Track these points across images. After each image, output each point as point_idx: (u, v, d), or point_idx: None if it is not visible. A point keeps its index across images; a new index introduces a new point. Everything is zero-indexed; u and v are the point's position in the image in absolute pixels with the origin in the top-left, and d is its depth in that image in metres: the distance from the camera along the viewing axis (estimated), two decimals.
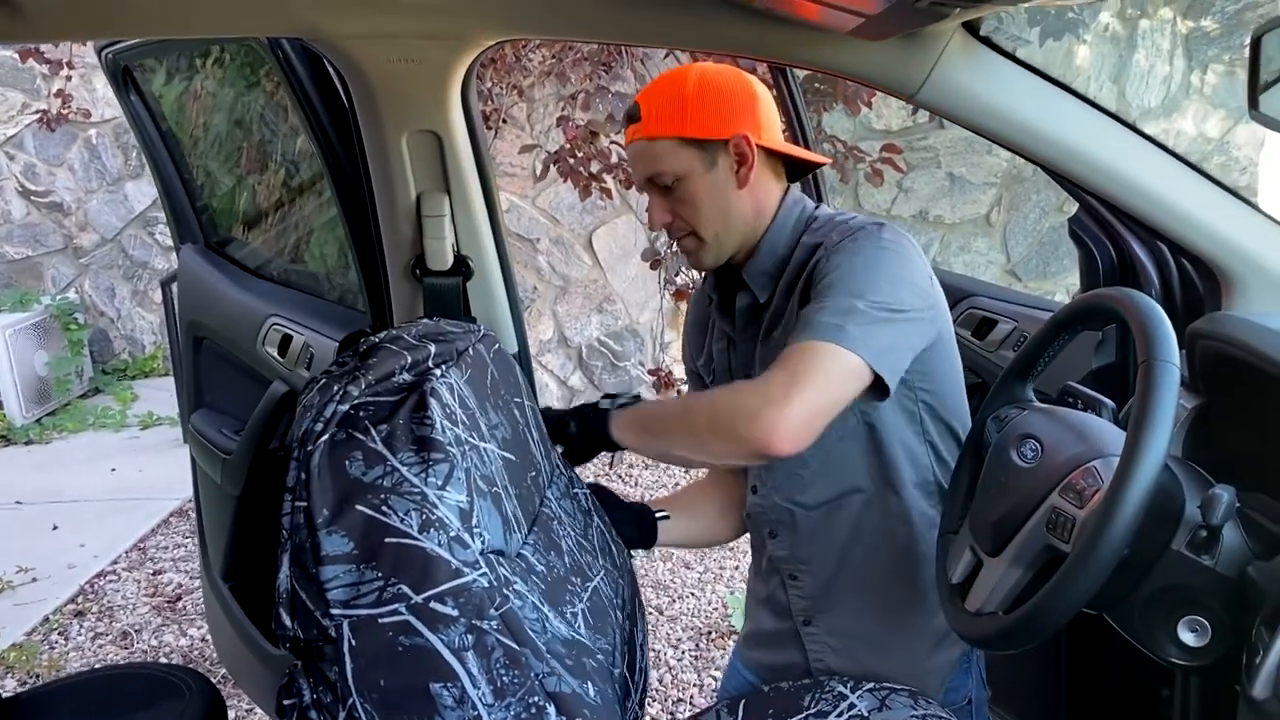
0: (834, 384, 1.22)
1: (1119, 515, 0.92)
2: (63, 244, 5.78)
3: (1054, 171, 1.40)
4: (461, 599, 0.99)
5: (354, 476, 1.00)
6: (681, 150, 1.35)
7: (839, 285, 1.26)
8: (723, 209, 1.39)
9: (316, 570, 0.98)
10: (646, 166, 1.38)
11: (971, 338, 1.75)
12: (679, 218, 1.40)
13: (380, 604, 0.97)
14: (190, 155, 2.39)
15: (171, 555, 3.77)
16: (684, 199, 1.38)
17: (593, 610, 1.22)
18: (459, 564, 0.99)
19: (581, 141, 3.72)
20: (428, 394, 1.08)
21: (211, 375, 2.21)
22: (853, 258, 1.29)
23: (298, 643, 1.01)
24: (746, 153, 1.36)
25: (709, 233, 1.40)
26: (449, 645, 0.97)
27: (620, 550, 1.45)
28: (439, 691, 0.97)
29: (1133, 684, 1.51)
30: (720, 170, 1.37)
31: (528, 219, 4.68)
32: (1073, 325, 1.21)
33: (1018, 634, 1.03)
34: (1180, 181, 1.36)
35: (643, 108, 1.38)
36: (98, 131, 5.61)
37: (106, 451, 4.85)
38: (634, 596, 1.45)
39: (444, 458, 1.03)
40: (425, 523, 0.99)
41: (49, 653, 3.14)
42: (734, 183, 1.38)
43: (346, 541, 0.98)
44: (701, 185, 1.37)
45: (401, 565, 0.98)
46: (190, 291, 2.24)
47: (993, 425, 1.24)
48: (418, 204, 1.60)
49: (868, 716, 1.36)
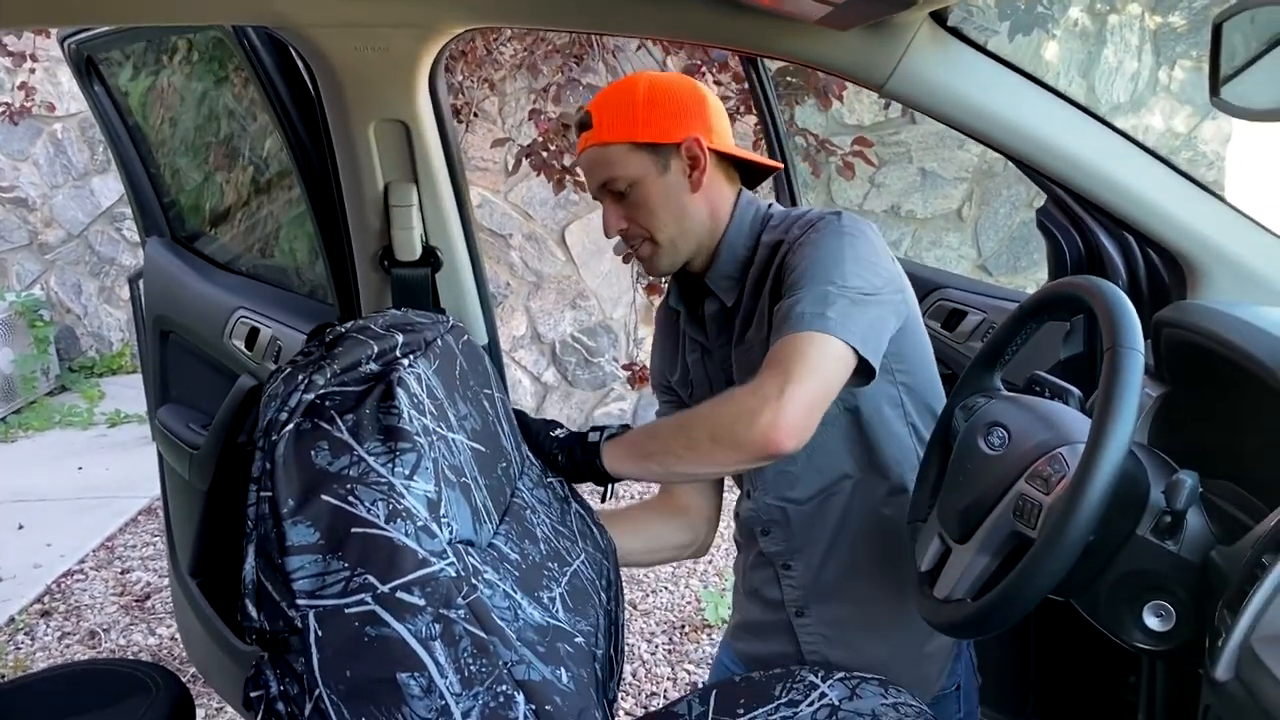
0: (825, 371, 1.23)
1: (1084, 501, 0.92)
2: (28, 240, 5.71)
3: (1022, 163, 1.41)
4: (428, 588, 0.98)
5: (320, 466, 0.99)
6: (634, 155, 1.36)
7: (810, 275, 1.27)
8: (677, 213, 1.39)
9: (282, 560, 0.97)
10: (600, 173, 1.39)
11: (941, 329, 1.76)
12: (634, 223, 1.40)
13: (346, 594, 0.97)
14: (157, 149, 2.36)
15: (140, 554, 3.73)
16: (638, 204, 1.38)
17: (572, 593, 1.22)
18: (426, 554, 0.99)
19: (554, 135, 3.70)
20: (395, 384, 1.07)
21: (178, 370, 2.18)
22: (817, 248, 1.30)
23: (264, 634, 1.00)
24: (699, 155, 1.37)
25: (664, 237, 1.40)
26: (416, 635, 0.97)
27: (602, 533, 1.44)
28: (406, 681, 0.96)
29: (1100, 670, 1.53)
30: (673, 174, 1.38)
31: (500, 214, 4.66)
32: (1039, 314, 1.22)
33: (985, 620, 1.03)
34: (1148, 173, 1.37)
35: (594, 115, 1.38)
36: (63, 126, 5.54)
37: (73, 450, 4.80)
38: (617, 579, 1.44)
39: (411, 447, 1.02)
40: (392, 512, 0.98)
41: (15, 653, 3.10)
42: (687, 186, 1.39)
43: (312, 531, 0.97)
44: (655, 189, 1.38)
45: (368, 555, 0.97)
46: (156, 285, 2.21)
47: (960, 414, 1.24)
48: (385, 194, 1.59)
49: (839, 705, 1.36)
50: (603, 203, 1.41)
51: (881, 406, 1.40)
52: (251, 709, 1.03)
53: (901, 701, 1.37)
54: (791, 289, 1.28)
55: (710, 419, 1.29)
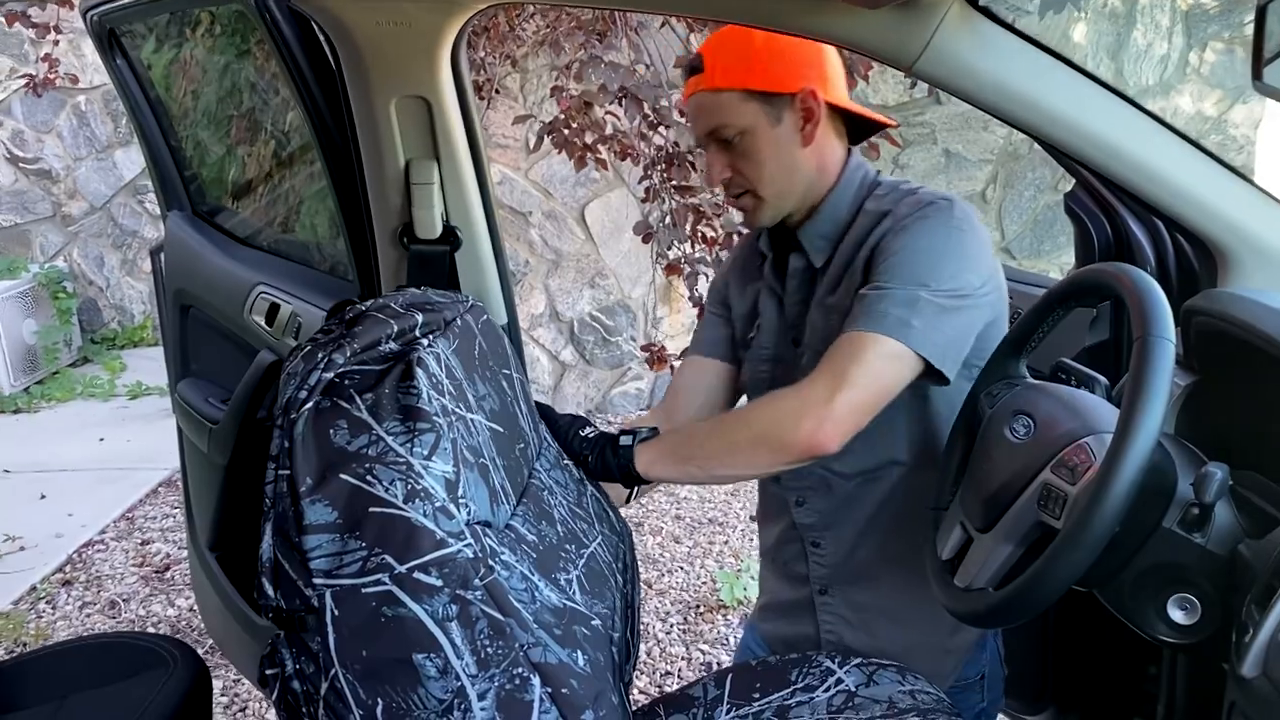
0: (885, 379, 1.23)
1: (1111, 492, 0.91)
2: (51, 211, 5.73)
3: (1052, 146, 1.38)
4: (446, 569, 0.98)
5: (338, 445, 0.99)
6: (746, 103, 1.31)
7: (905, 269, 1.25)
8: (787, 166, 1.35)
9: (299, 539, 0.97)
10: (708, 119, 1.34)
11: None
12: (739, 174, 1.36)
13: (363, 574, 0.96)
14: (178, 122, 2.35)
15: (160, 525, 3.76)
16: (746, 154, 1.34)
17: (589, 575, 1.22)
18: (444, 534, 0.98)
19: (575, 112, 3.68)
20: (414, 363, 1.07)
21: (198, 344, 2.19)
22: (920, 239, 1.27)
23: (280, 613, 1.00)
24: (813, 108, 1.33)
25: (770, 191, 1.36)
26: (432, 615, 0.96)
27: (617, 515, 1.44)
28: (422, 662, 0.96)
29: (1120, 661, 1.51)
30: (786, 126, 1.33)
31: (520, 191, 4.64)
32: (1067, 301, 1.20)
33: (1007, 610, 1.02)
34: (1178, 157, 1.34)
35: (706, 59, 1.33)
36: (86, 98, 5.55)
37: (95, 421, 4.83)
38: (633, 562, 1.44)
39: (430, 428, 1.02)
40: (410, 493, 0.98)
41: (36, 621, 3.13)
42: (799, 140, 1.34)
43: (330, 511, 0.97)
44: (765, 141, 1.33)
45: (386, 535, 0.97)
46: (177, 259, 2.21)
47: (985, 401, 1.23)
48: (406, 171, 1.58)
49: (855, 691, 1.36)
50: (706, 150, 1.37)
51: (954, 400, 1.36)
52: (267, 686, 1.03)
53: (919, 689, 1.37)
54: (884, 276, 1.26)
55: (753, 421, 1.28)
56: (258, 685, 2.27)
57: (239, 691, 2.74)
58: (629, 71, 3.45)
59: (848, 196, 1.38)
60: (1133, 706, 1.51)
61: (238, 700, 2.72)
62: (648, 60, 3.79)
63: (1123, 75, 4.74)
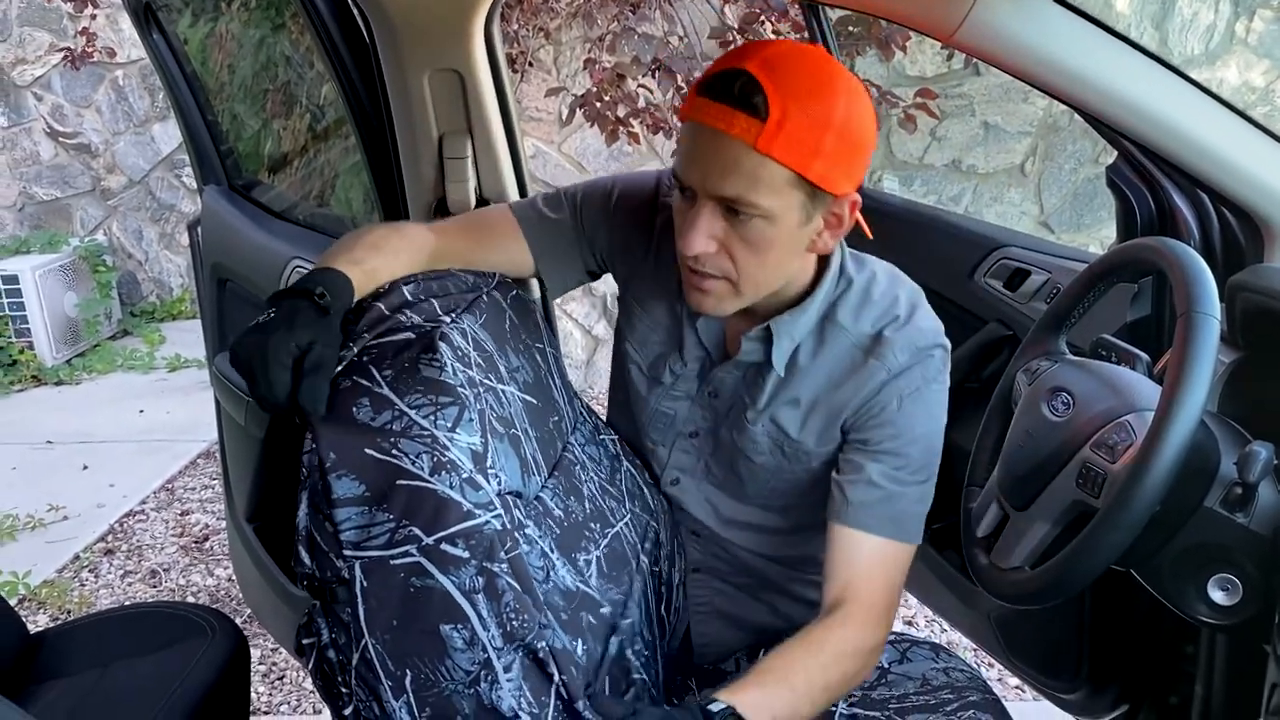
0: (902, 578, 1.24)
1: (1152, 471, 0.90)
2: (91, 186, 5.79)
3: (1093, 117, 1.35)
4: (472, 541, 0.98)
5: (362, 422, 1.00)
6: (792, 190, 1.06)
7: (916, 457, 1.22)
8: (782, 267, 1.16)
9: (330, 511, 0.98)
10: (735, 184, 1.05)
11: (1003, 289, 1.72)
12: (729, 257, 1.12)
13: (391, 545, 0.97)
14: (214, 96, 2.37)
15: (199, 496, 3.81)
16: (753, 242, 1.10)
17: (609, 557, 1.22)
18: (470, 505, 0.99)
19: (608, 85, 3.66)
20: (438, 337, 1.06)
21: (235, 317, 2.21)
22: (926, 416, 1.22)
23: (314, 581, 1.01)
24: (844, 219, 1.13)
25: (750, 287, 1.15)
26: (460, 587, 0.97)
27: (653, 492, 1.42)
28: (449, 633, 0.97)
29: (1157, 640, 1.50)
30: (809, 229, 1.12)
31: (554, 165, 4.63)
32: (1109, 276, 1.18)
33: (1044, 590, 1.02)
34: (1224, 128, 1.31)
35: (772, 104, 1.02)
36: (124, 73, 5.59)
37: (135, 393, 4.90)
38: (673, 537, 1.43)
39: (453, 400, 1.02)
40: (436, 465, 0.98)
41: (80, 589, 3.19)
42: (810, 243, 1.14)
43: (357, 484, 0.98)
44: (784, 236, 1.10)
45: (413, 507, 0.97)
46: (213, 233, 2.23)
47: (1023, 378, 1.21)
48: (440, 145, 1.58)
49: (887, 668, 1.36)
50: (696, 205, 1.09)
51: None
52: (304, 655, 1.04)
53: (953, 666, 1.36)
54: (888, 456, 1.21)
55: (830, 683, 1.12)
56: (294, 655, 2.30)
57: (276, 660, 2.78)
58: (662, 43, 3.43)
59: (820, 301, 1.22)
60: (1169, 686, 1.50)
61: (275, 669, 2.76)
62: (681, 32, 3.75)
63: (1167, 45, 4.64)
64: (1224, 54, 4.74)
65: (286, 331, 1.00)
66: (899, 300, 1.23)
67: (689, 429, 1.37)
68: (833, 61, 1.09)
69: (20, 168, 5.75)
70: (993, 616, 1.79)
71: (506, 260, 1.34)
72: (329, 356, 1.02)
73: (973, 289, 1.77)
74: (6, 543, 3.44)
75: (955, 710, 1.25)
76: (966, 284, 1.78)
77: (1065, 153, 4.78)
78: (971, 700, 1.28)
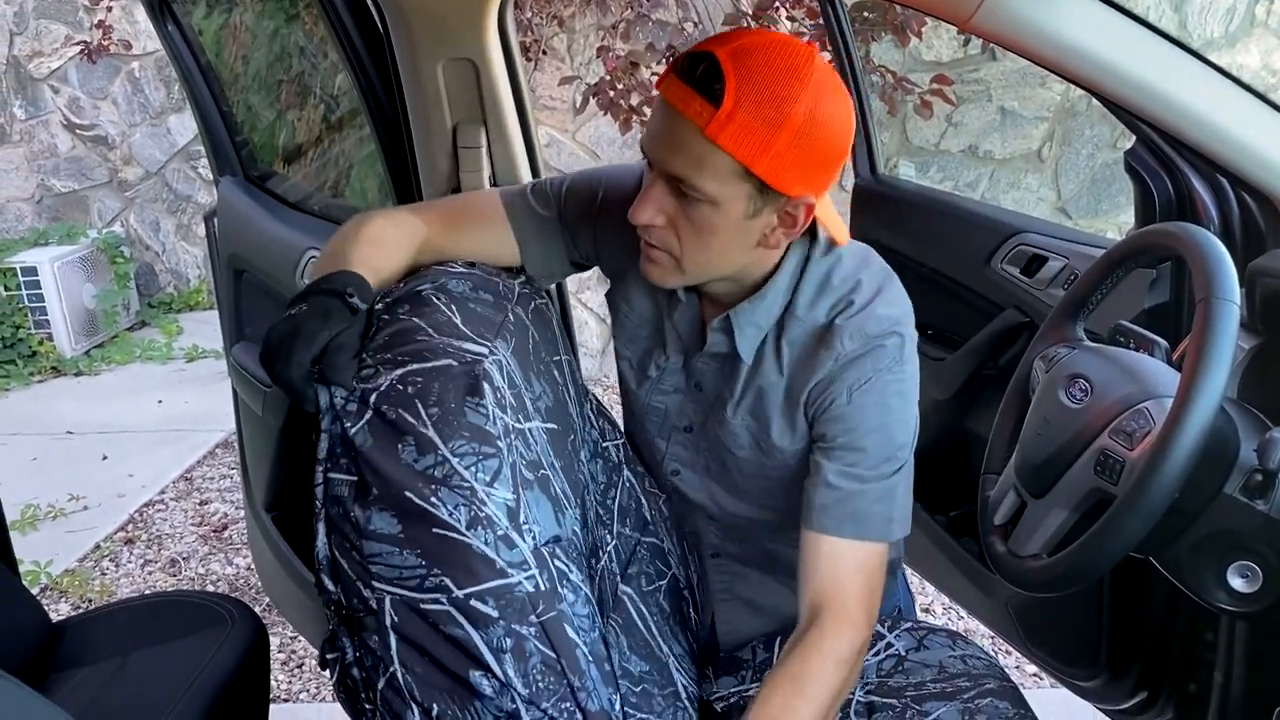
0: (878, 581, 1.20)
1: (1171, 458, 0.89)
2: (108, 177, 5.82)
3: (1112, 102, 1.34)
4: (503, 601, 0.97)
5: (405, 463, 0.98)
6: (739, 181, 1.07)
7: (872, 450, 1.17)
8: (727, 255, 1.15)
9: (360, 543, 0.97)
10: (682, 164, 1.07)
11: (1020, 275, 1.71)
12: (673, 232, 1.13)
13: (422, 590, 0.96)
14: (229, 88, 2.37)
15: (217, 486, 3.84)
16: (696, 223, 1.11)
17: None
18: (504, 564, 0.97)
19: (622, 73, 3.65)
20: (481, 378, 1.03)
21: (252, 308, 2.21)
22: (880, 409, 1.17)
23: (340, 607, 1.01)
24: (797, 220, 1.13)
25: (693, 266, 1.16)
26: (488, 644, 0.96)
27: (652, 502, 1.41)
28: (479, 680, 0.96)
29: (1175, 627, 1.49)
30: (758, 221, 1.12)
31: (568, 154, 4.63)
32: (1127, 262, 1.17)
33: (1062, 577, 1.01)
34: (1245, 112, 1.29)
35: (728, 94, 1.02)
36: (140, 64, 5.61)
37: (153, 383, 4.93)
38: (679, 541, 1.44)
39: (494, 452, 1.00)
40: (474, 519, 0.97)
41: (100, 579, 3.22)
42: (757, 238, 1.14)
43: (395, 522, 0.97)
44: (727, 224, 1.11)
45: (446, 558, 0.96)
46: (230, 224, 2.24)
47: (1040, 365, 1.21)
48: (454, 135, 1.58)
49: (904, 655, 1.36)
50: (651, 175, 1.12)
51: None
52: (327, 669, 1.05)
53: (969, 653, 1.36)
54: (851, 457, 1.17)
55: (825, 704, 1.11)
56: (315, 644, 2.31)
57: (295, 648, 2.80)
58: (677, 29, 3.42)
59: (782, 290, 1.21)
60: (1188, 673, 1.49)
61: (295, 656, 2.78)
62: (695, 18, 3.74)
63: (1186, 28, 4.60)
64: (1244, 37, 4.69)
65: (321, 321, 1.02)
66: (860, 285, 1.20)
67: (682, 423, 1.36)
68: (813, 62, 1.06)
69: (38, 160, 5.79)
70: (1010, 604, 1.79)
71: (493, 249, 1.32)
72: (353, 336, 1.04)
73: (989, 275, 1.76)
74: (28, 532, 3.47)
75: (973, 698, 1.25)
76: (983, 270, 1.77)
77: (1083, 138, 4.75)
78: (989, 688, 1.28)
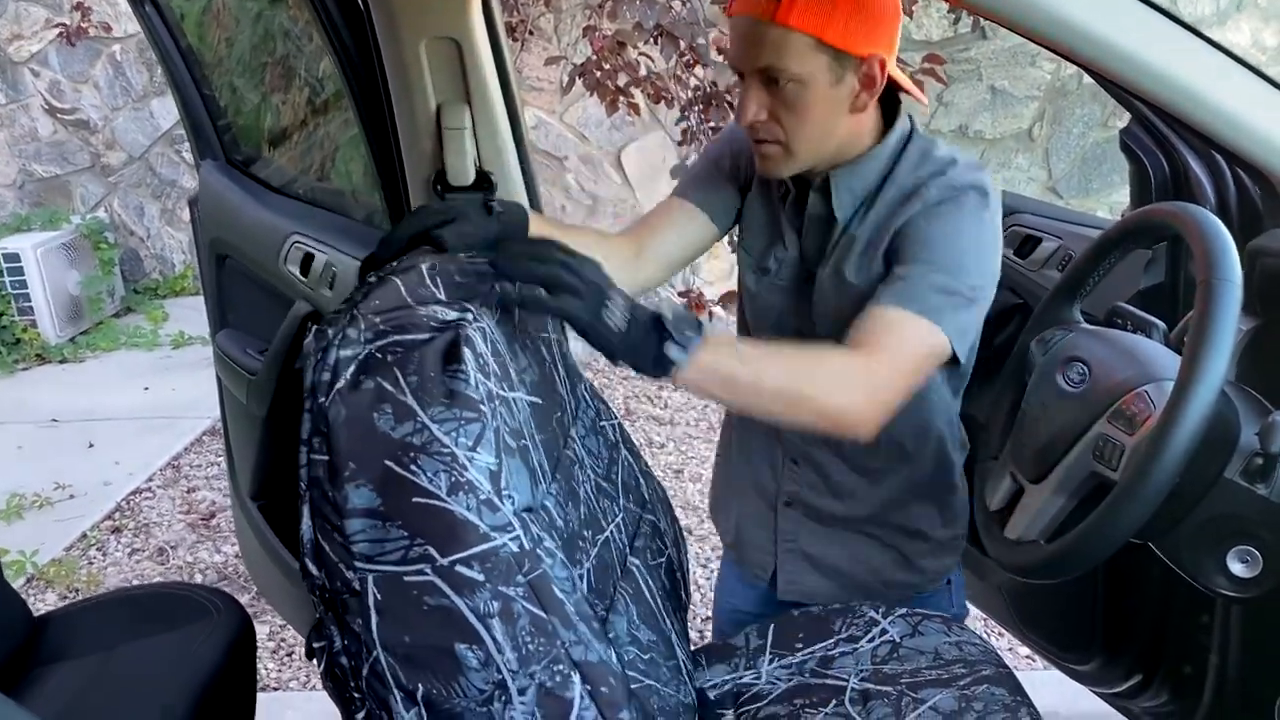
0: (925, 370, 1.20)
1: (1172, 443, 0.88)
2: (90, 162, 5.75)
3: (1105, 78, 1.32)
4: (488, 564, 0.95)
5: (383, 431, 0.95)
6: (815, 53, 1.19)
7: (939, 257, 1.21)
8: (828, 128, 1.26)
9: (341, 522, 0.95)
10: (765, 55, 1.20)
11: (1014, 256, 1.69)
12: (776, 121, 1.25)
13: (405, 563, 0.94)
14: (211, 70, 2.33)
15: (205, 473, 3.81)
16: (792, 105, 1.23)
17: (597, 569, 1.18)
18: (487, 528, 0.95)
19: (609, 53, 3.61)
20: (461, 342, 1.01)
21: (235, 294, 2.19)
22: (950, 229, 1.22)
23: (324, 591, 0.99)
24: (876, 79, 1.23)
25: (802, 148, 1.27)
26: (474, 610, 0.94)
27: (649, 481, 1.40)
28: (464, 653, 0.95)
29: (1170, 610, 1.48)
30: (843, 88, 1.23)
31: (555, 135, 4.59)
32: (1125, 243, 1.16)
33: (1060, 563, 1.00)
34: (1242, 88, 1.27)
35: None
36: (121, 47, 5.54)
37: (139, 370, 4.89)
38: (673, 524, 1.43)
39: (475, 417, 0.97)
40: (454, 485, 0.95)
41: (88, 568, 3.19)
42: (849, 105, 1.25)
43: (374, 496, 0.94)
44: (819, 97, 1.23)
45: (428, 527, 0.94)
46: (212, 209, 2.20)
47: (1037, 348, 1.19)
48: (438, 116, 1.55)
49: (899, 642, 1.34)
50: (745, 82, 1.25)
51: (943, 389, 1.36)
52: (315, 658, 1.03)
53: (965, 640, 1.35)
54: (916, 258, 1.21)
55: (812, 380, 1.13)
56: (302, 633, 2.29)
57: (285, 637, 2.79)
58: (664, 8, 3.37)
59: (882, 160, 1.31)
60: (1184, 656, 1.48)
61: (285, 644, 2.77)
62: None
63: (1177, 5, 4.58)
64: (1235, 14, 4.67)
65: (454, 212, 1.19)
66: (956, 162, 1.28)
67: (792, 324, 1.39)
68: None
69: (19, 145, 5.72)
70: (1004, 588, 1.78)
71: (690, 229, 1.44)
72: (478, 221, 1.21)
73: None
74: (14, 521, 3.44)
75: (969, 684, 1.24)
76: None
77: (1073, 117, 4.73)
78: (985, 674, 1.26)
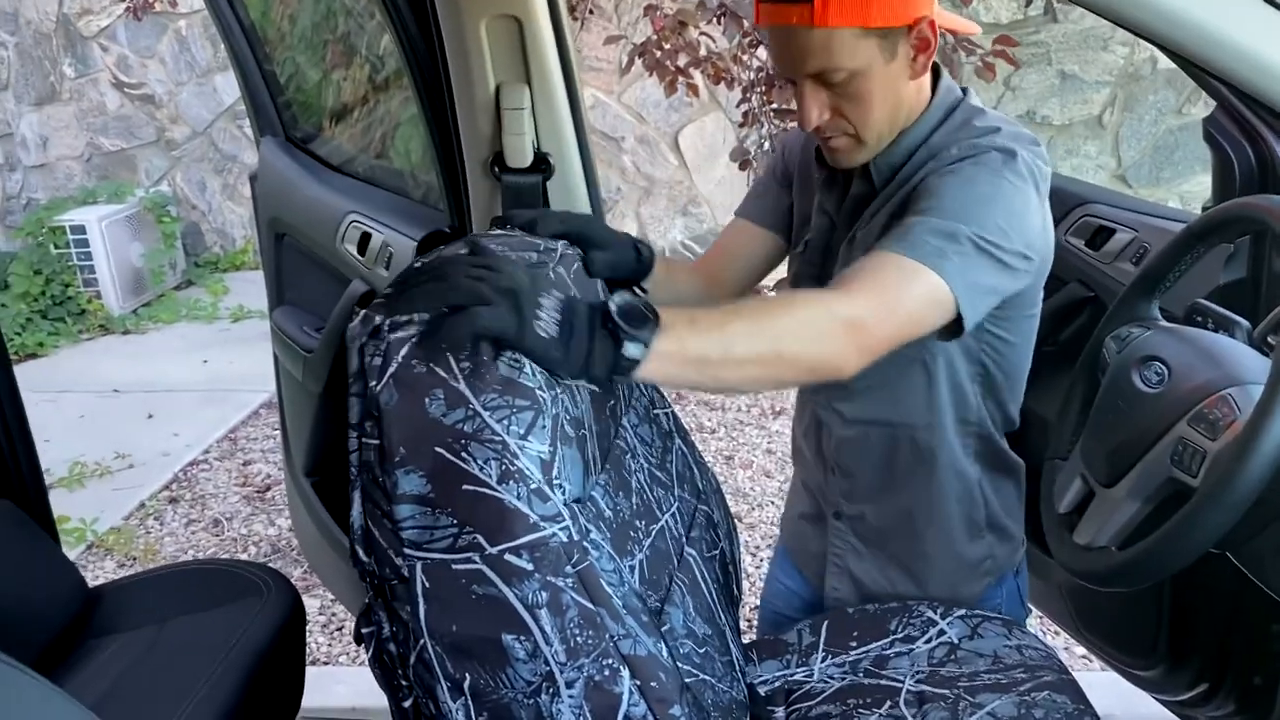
0: (919, 316, 1.10)
1: (1259, 451, 0.83)
2: (155, 136, 5.84)
3: (1189, 61, 1.26)
4: (538, 553, 0.94)
5: (434, 417, 0.93)
6: (862, 41, 1.15)
7: (942, 205, 1.12)
8: (893, 104, 1.22)
9: (390, 508, 0.94)
10: (814, 60, 1.17)
11: (1085, 248, 1.63)
12: (842, 116, 1.22)
13: (454, 550, 0.93)
14: (272, 47, 2.34)
15: (261, 446, 3.86)
16: (855, 97, 1.20)
17: (652, 558, 1.16)
18: (537, 518, 0.94)
19: (669, 32, 3.57)
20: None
21: (293, 271, 2.19)
22: (965, 181, 1.15)
23: (373, 578, 0.98)
24: (929, 38, 1.18)
25: (873, 134, 1.23)
26: (522, 600, 0.93)
27: (703, 471, 1.38)
28: (511, 644, 0.93)
29: (1241, 619, 1.43)
30: (899, 61, 1.19)
31: (613, 116, 4.56)
32: (1210, 237, 1.10)
33: (1133, 572, 0.96)
34: None
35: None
36: (187, 23, 5.61)
37: (199, 343, 4.96)
38: (725, 517, 1.41)
39: (529, 404, 0.95)
40: (505, 473, 0.93)
41: (145, 537, 3.25)
42: (909, 72, 1.21)
43: (423, 482, 0.93)
44: (879, 81, 1.19)
45: (477, 515, 0.93)
46: (271, 186, 2.21)
47: (1112, 345, 1.14)
48: (497, 96, 1.53)
49: (958, 644, 1.31)
50: (800, 87, 1.21)
51: (958, 363, 1.28)
52: (363, 644, 1.02)
53: (1025, 644, 1.31)
54: (915, 212, 1.14)
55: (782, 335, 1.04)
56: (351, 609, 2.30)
57: (335, 611, 2.81)
58: None
59: (928, 125, 1.26)
60: (1254, 666, 1.43)
61: (335, 619, 2.79)
62: None
63: None
64: None
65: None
66: (1000, 130, 1.22)
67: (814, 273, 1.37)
68: None
69: (87, 118, 5.82)
70: (1065, 588, 1.73)
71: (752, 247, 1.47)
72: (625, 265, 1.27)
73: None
74: (76, 489, 3.51)
75: (1029, 690, 1.20)
76: None
77: (1146, 103, 4.60)
78: (1046, 680, 1.23)
